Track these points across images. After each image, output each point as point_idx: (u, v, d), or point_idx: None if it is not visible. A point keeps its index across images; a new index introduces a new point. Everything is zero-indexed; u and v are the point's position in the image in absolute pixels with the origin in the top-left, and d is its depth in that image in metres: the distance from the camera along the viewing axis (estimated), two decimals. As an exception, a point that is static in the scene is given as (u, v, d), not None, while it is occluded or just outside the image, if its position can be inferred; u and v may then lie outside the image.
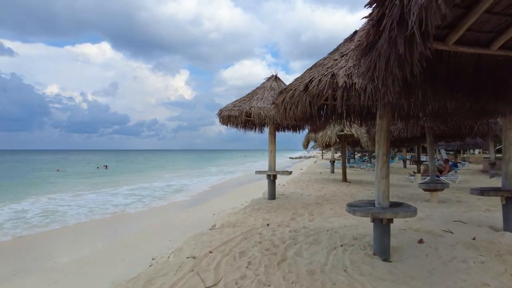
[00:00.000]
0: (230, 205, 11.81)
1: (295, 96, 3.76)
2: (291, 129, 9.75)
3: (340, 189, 10.96)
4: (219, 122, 8.33)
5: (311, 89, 3.42)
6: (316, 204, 8.11)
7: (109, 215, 11.58)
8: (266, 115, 7.31)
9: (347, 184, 12.59)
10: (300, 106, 3.71)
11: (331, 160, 18.69)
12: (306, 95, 3.53)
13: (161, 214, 12.44)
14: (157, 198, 15.22)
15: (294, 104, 3.82)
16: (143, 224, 10.62)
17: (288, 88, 4.08)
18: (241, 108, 7.60)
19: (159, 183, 21.44)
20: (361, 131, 12.27)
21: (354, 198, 9.14)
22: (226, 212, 10.19)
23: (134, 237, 8.99)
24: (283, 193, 10.11)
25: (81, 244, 8.75)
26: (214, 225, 7.98)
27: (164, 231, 9.26)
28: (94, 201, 14.40)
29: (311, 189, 11.14)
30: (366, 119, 5.96)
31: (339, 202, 8.48)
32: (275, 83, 8.35)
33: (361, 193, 10.18)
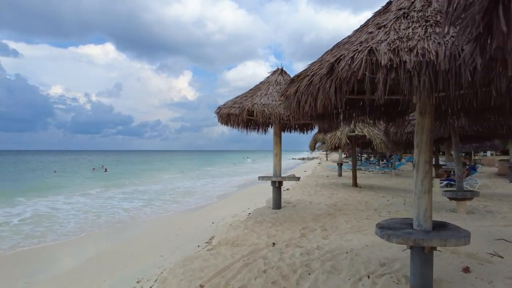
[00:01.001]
0: (230, 212, 10.89)
1: (313, 83, 2.75)
2: (299, 130, 8.75)
3: (352, 196, 9.93)
4: (218, 121, 7.35)
5: (339, 71, 2.41)
6: (328, 215, 7.09)
7: (100, 222, 10.62)
8: (271, 113, 6.31)
9: (358, 189, 11.55)
10: (321, 97, 2.70)
11: (338, 163, 17.65)
12: (330, 80, 2.52)
13: (156, 222, 11.49)
14: (152, 204, 14.26)
15: (312, 95, 2.82)
16: (135, 233, 9.65)
17: (303, 74, 3.07)
18: (242, 105, 6.60)
19: (156, 187, 20.48)
20: (374, 132, 11.25)
21: (369, 207, 8.12)
22: (225, 221, 9.26)
23: (122, 250, 8.02)
24: (289, 200, 9.10)
25: (63, 258, 7.79)
26: (211, 239, 7.03)
27: (156, 244, 8.28)
28: (85, 206, 13.45)
29: (319, 195, 10.11)
30: (391, 117, 4.94)
31: (354, 212, 7.45)
32: (281, 77, 7.34)
33: (376, 200, 9.14)
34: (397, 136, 7.29)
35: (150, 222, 11.28)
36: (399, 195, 10.42)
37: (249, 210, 11.12)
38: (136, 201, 14.71)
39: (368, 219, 6.75)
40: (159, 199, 15.22)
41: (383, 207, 8.08)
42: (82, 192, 17.70)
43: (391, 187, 12.79)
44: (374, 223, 6.40)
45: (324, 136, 11.56)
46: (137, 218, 11.76)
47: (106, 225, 10.36)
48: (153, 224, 10.89)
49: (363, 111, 4.64)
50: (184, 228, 9.79)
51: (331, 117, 4.35)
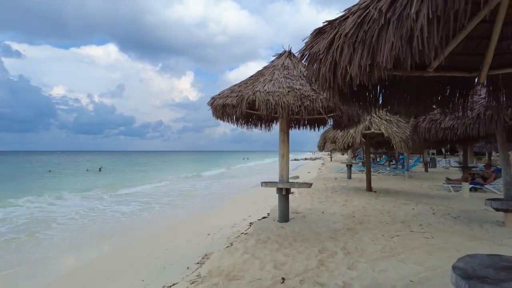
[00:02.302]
0: (229, 221, 9.57)
1: (373, 20, 1.41)
2: (309, 126, 7.39)
3: (369, 204, 8.55)
4: (213, 115, 6.00)
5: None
6: (347, 231, 5.72)
7: (76, 232, 9.26)
8: (277, 103, 4.95)
9: (375, 195, 10.17)
10: (388, 48, 1.35)
11: (348, 164, 16.26)
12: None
13: (143, 230, 10.15)
14: (142, 208, 12.91)
15: (369, 46, 1.46)
16: (118, 244, 8.31)
17: (345, 15, 1.72)
18: (241, 94, 5.24)
19: (150, 189, 19.14)
20: (393, 129, 9.86)
21: (394, 218, 6.74)
22: (223, 232, 7.96)
23: (99, 268, 6.68)
24: (297, 209, 7.73)
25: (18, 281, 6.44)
26: (204, 257, 5.73)
27: (140, 261, 6.94)
28: (68, 209, 12.10)
29: (332, 202, 8.73)
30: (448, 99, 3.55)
31: (377, 226, 6.08)
32: (289, 60, 5.98)
33: (399, 209, 7.77)
34: (431, 133, 5.93)
35: (139, 231, 9.95)
36: (422, 201, 9.04)
37: (250, 219, 9.79)
38: (125, 206, 13.35)
39: (399, 236, 5.38)
40: (152, 203, 13.86)
41: (411, 218, 6.71)
42: (70, 194, 16.38)
43: (409, 191, 11.41)
44: (408, 242, 5.06)
45: (335, 134, 10.20)
46: (124, 226, 10.42)
47: (84, 234, 9.02)
48: (142, 233, 9.56)
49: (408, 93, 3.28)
50: (176, 240, 8.46)
51: (369, 97, 2.98)
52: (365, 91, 2.92)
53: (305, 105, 4.94)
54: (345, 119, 5.55)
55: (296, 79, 5.46)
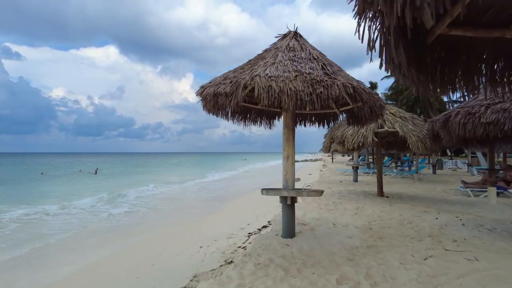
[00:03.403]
0: (225, 230, 8.57)
1: None
2: (317, 122, 6.34)
3: (384, 211, 7.49)
4: (203, 108, 4.94)
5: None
6: (368, 249, 4.65)
7: (47, 242, 8.13)
8: (282, 90, 3.88)
9: (388, 201, 9.10)
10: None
11: (354, 166, 15.19)
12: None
13: (133, 238, 9.09)
14: (134, 213, 11.82)
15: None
16: (98, 256, 7.24)
17: None
18: (237, 80, 4.17)
19: (145, 192, 18.02)
20: (408, 127, 8.80)
21: (419, 231, 5.67)
22: (217, 245, 6.96)
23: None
24: (303, 220, 6.66)
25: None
26: (192, 279, 4.74)
27: (118, 281, 5.91)
28: (46, 217, 10.94)
29: (342, 211, 7.66)
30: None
31: (402, 242, 5.01)
32: (296, 41, 4.91)
33: (421, 219, 6.71)
34: (466, 129, 4.88)
35: (125, 239, 8.88)
36: (443, 208, 7.98)
37: (248, 228, 8.74)
38: (114, 209, 12.24)
39: (433, 256, 4.31)
40: (144, 207, 12.76)
41: (439, 231, 5.64)
42: (55, 198, 15.28)
43: (424, 196, 10.34)
44: (448, 266, 3.89)
45: (344, 133, 9.13)
46: (108, 232, 9.34)
47: (57, 246, 7.92)
48: (128, 243, 8.49)
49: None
50: (165, 253, 7.41)
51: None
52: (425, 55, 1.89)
53: (317, 92, 3.87)
54: (366, 111, 4.48)
55: (305, 62, 4.40)
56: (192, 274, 5.47)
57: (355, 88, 4.12)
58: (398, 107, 11.74)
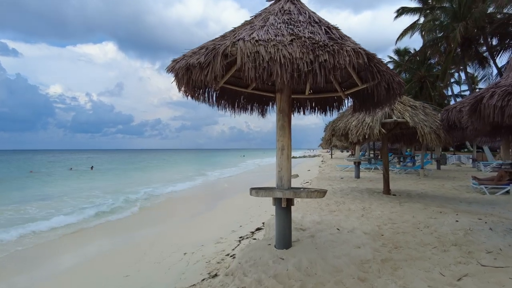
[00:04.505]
0: (214, 233, 7.69)
1: None
2: (319, 109, 5.36)
3: (395, 213, 6.53)
4: (177, 87, 3.93)
5: None
6: (382, 264, 3.69)
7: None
8: (274, 58, 2.89)
9: (396, 200, 8.14)
10: None
11: (355, 162, 14.22)
12: None
13: (110, 243, 8.14)
14: (117, 212, 10.81)
15: None
16: (67, 265, 6.26)
17: None
18: (214, 47, 3.17)
19: (135, 189, 16.98)
20: (419, 117, 7.83)
21: (440, 238, 4.71)
22: (203, 252, 6.17)
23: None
24: (302, 224, 5.68)
25: None
26: None
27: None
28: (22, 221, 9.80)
29: (346, 212, 6.69)
30: None
31: (422, 252, 4.05)
32: (292, 5, 3.90)
33: (438, 222, 5.75)
34: (505, 114, 3.90)
35: (103, 244, 7.92)
36: (460, 209, 7.04)
37: (240, 230, 7.81)
38: (94, 208, 11.18)
39: (469, 276, 3.36)
40: (129, 206, 11.75)
41: (464, 238, 4.68)
42: (42, 199, 14.25)
43: (434, 194, 9.39)
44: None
45: (347, 124, 8.14)
46: (87, 234, 8.36)
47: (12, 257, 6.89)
48: (105, 249, 7.53)
49: None
50: (143, 261, 6.46)
51: None
52: None
53: (320, 60, 2.88)
54: (382, 90, 3.47)
55: (304, 26, 3.40)
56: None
57: (370, 56, 3.13)
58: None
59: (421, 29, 25.12)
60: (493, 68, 21.54)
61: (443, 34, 22.15)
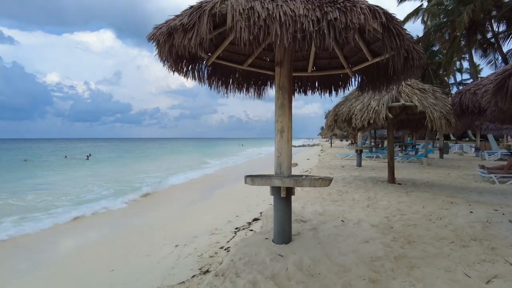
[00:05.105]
0: (209, 223, 7.35)
1: None
2: (322, 88, 4.82)
3: (403, 203, 6.05)
4: (159, 58, 3.39)
5: None
6: (396, 262, 3.21)
7: None
8: (272, 15, 2.35)
9: (402, 189, 7.67)
10: None
11: (357, 150, 13.72)
12: None
13: (98, 232, 7.74)
14: (110, 202, 10.35)
15: None
16: (50, 260, 5.79)
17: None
18: (201, 7, 2.62)
19: (129, 177, 16.54)
20: (429, 101, 7.30)
21: (456, 231, 4.24)
22: (197, 243, 6.01)
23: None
24: (302, 215, 5.20)
25: None
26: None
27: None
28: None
29: (350, 202, 6.21)
30: None
31: (442, 249, 3.58)
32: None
33: (451, 212, 5.29)
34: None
35: (92, 236, 7.50)
36: (473, 199, 6.57)
37: (237, 221, 7.39)
38: (87, 198, 10.70)
39: (499, 277, 2.88)
40: (122, 196, 11.29)
41: (484, 232, 4.20)
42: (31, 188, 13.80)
43: (441, 183, 8.92)
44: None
45: (351, 109, 7.60)
46: (76, 226, 7.89)
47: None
48: (94, 241, 7.11)
49: None
50: (132, 254, 6.03)
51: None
52: None
53: (329, 18, 2.34)
54: (399, 61, 2.91)
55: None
56: (157, 286, 4.11)
57: (389, 16, 2.58)
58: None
59: (425, 14, 24.33)
60: (498, 55, 20.91)
61: (448, 19, 21.43)
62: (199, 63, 4.32)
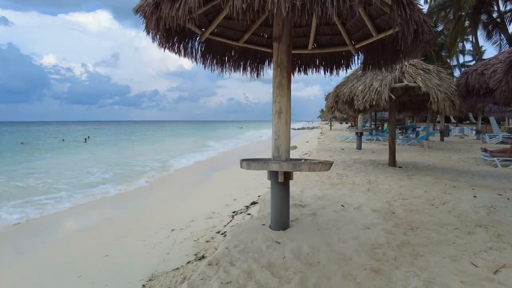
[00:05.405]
0: (206, 207, 7.20)
1: None
2: (323, 66, 4.57)
3: (405, 187, 5.90)
4: (145, 30, 3.12)
5: None
6: (399, 250, 3.06)
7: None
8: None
9: (403, 172, 7.51)
10: None
11: (358, 132, 13.51)
12: None
13: (89, 221, 7.57)
14: (108, 185, 10.23)
15: None
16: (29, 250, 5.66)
17: None
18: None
19: (128, 159, 16.40)
20: (433, 81, 7.03)
21: (462, 218, 4.09)
22: (194, 227, 5.77)
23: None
24: (301, 199, 5.05)
25: None
26: (149, 281, 3.26)
27: (44, 284, 4.40)
28: None
29: (350, 185, 6.06)
30: None
31: (446, 236, 3.43)
32: None
33: (455, 197, 5.13)
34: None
35: (87, 220, 7.38)
36: (476, 183, 6.41)
37: (234, 204, 7.23)
38: (83, 181, 10.58)
39: (508, 267, 2.73)
40: (120, 179, 11.16)
41: (489, 218, 4.05)
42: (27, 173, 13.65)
43: (443, 166, 8.76)
44: None
45: (352, 90, 7.34)
46: (72, 211, 7.77)
47: None
48: (89, 225, 6.99)
49: None
50: (126, 239, 5.91)
51: None
52: None
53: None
54: (409, 35, 2.64)
55: None
56: (149, 275, 3.96)
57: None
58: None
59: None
60: (503, 36, 20.39)
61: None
62: (192, 40, 4.04)
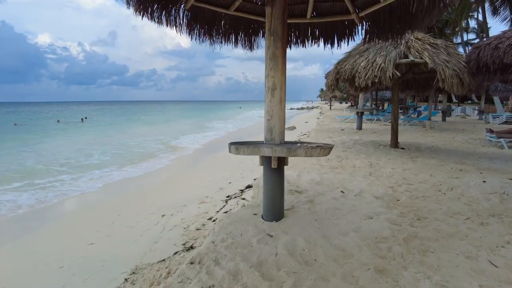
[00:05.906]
0: (200, 191, 6.90)
1: None
2: (323, 38, 4.10)
3: (409, 170, 5.54)
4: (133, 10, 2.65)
5: None
6: (406, 245, 2.72)
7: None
8: None
9: (406, 154, 7.14)
10: None
11: (358, 112, 13.04)
12: None
13: (74, 205, 7.28)
14: (98, 167, 9.86)
15: None
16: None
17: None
18: None
19: (124, 140, 15.99)
20: (441, 57, 6.54)
21: (473, 206, 3.74)
22: (185, 213, 5.47)
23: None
24: (297, 184, 4.68)
25: None
26: (132, 274, 2.91)
27: (25, 274, 4.11)
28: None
29: (350, 169, 5.69)
30: None
31: (457, 226, 3.09)
32: None
33: (462, 182, 4.78)
34: None
35: (72, 204, 7.07)
36: (483, 166, 6.06)
37: (229, 187, 6.91)
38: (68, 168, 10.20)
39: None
40: (112, 161, 10.80)
41: (501, 205, 3.71)
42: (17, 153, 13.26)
43: (447, 148, 8.39)
44: None
45: (354, 66, 6.85)
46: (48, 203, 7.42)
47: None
48: (76, 209, 6.71)
49: None
50: (116, 222, 5.63)
51: None
52: None
53: None
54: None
55: None
56: (132, 267, 3.65)
57: None
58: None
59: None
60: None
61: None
62: (176, 7, 3.56)
